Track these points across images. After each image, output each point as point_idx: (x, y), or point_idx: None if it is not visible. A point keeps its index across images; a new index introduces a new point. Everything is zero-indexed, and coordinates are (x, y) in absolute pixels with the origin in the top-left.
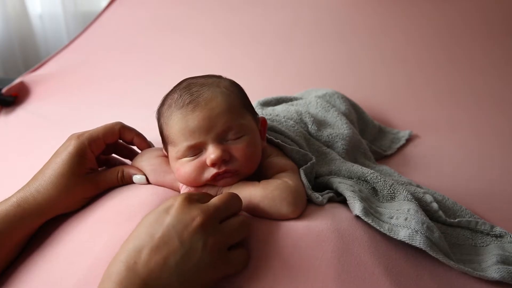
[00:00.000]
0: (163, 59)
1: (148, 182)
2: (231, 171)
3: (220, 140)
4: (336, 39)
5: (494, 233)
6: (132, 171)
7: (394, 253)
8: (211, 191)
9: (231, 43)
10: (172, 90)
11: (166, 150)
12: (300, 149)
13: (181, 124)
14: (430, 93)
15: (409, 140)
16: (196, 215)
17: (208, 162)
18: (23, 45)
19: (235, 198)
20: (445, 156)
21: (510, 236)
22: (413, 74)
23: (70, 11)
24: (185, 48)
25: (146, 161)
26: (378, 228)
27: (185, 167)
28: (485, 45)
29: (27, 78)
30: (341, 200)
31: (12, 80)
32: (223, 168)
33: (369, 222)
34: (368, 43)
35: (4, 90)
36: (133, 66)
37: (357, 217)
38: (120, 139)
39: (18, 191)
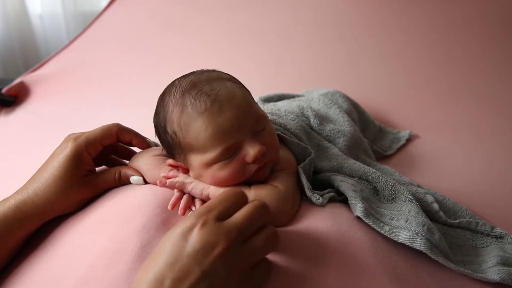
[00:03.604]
0: (163, 59)
1: (145, 183)
2: (268, 163)
3: (253, 134)
4: (336, 39)
5: (494, 234)
6: (129, 171)
7: (395, 255)
8: (199, 183)
9: (231, 43)
10: (171, 95)
11: (183, 159)
12: (300, 142)
13: (213, 127)
14: (430, 93)
15: (409, 140)
16: (216, 242)
17: (251, 159)
18: (23, 45)
19: (262, 208)
20: (445, 156)
21: (510, 237)
22: (413, 74)
23: (70, 11)
24: (185, 48)
25: (142, 161)
26: (378, 230)
27: (224, 172)
28: (485, 45)
29: (27, 78)
30: (342, 199)
31: (12, 80)
32: (263, 161)
33: (369, 223)
34: (368, 43)
35: (4, 90)
36: (133, 66)
37: (358, 218)
38: (119, 141)
39: (16, 193)
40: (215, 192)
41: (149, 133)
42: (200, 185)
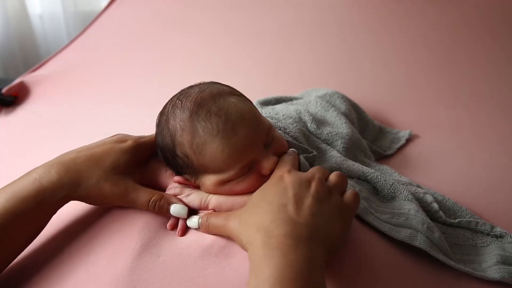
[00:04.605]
0: (163, 59)
1: (185, 219)
2: None
3: (265, 147)
4: (337, 39)
5: (494, 233)
6: (173, 199)
7: (394, 253)
8: (197, 194)
9: (231, 43)
10: (176, 116)
11: (195, 179)
12: (301, 144)
13: (229, 149)
14: (430, 93)
15: (409, 140)
16: (309, 178)
17: (267, 172)
18: (23, 45)
19: (322, 167)
20: (445, 156)
21: (510, 237)
22: (413, 74)
23: (70, 11)
24: (186, 47)
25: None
26: (378, 228)
27: (241, 186)
28: (486, 45)
29: (27, 78)
30: None
31: (12, 80)
32: None
33: (369, 221)
34: (368, 43)
35: (4, 90)
36: (134, 65)
37: (357, 217)
38: None
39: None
40: (216, 200)
41: (150, 132)
42: (197, 197)
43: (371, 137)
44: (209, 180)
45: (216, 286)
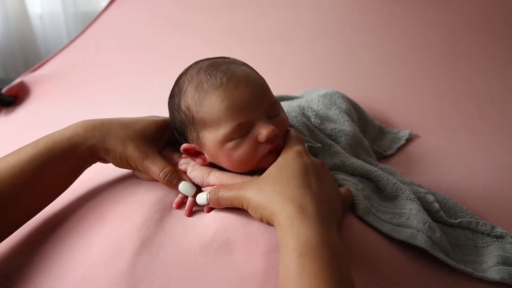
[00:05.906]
0: (164, 58)
1: (194, 196)
2: (277, 147)
3: (267, 117)
4: (337, 39)
5: (494, 234)
6: (184, 177)
7: (396, 253)
8: (199, 170)
9: (231, 42)
10: (187, 74)
11: (196, 139)
12: (305, 138)
13: (228, 101)
14: (430, 93)
15: (409, 140)
16: (318, 160)
17: (264, 138)
18: (23, 45)
19: None
20: (445, 156)
21: (511, 237)
22: (413, 74)
23: (70, 11)
24: (186, 47)
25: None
26: (379, 228)
27: (238, 151)
28: (486, 45)
29: (27, 78)
30: None
31: (12, 80)
32: (276, 143)
33: (370, 222)
34: (368, 43)
35: (4, 90)
36: (134, 65)
37: (358, 217)
38: None
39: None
40: (216, 178)
41: None
42: (200, 172)
43: (371, 137)
44: (209, 139)
45: (215, 283)
